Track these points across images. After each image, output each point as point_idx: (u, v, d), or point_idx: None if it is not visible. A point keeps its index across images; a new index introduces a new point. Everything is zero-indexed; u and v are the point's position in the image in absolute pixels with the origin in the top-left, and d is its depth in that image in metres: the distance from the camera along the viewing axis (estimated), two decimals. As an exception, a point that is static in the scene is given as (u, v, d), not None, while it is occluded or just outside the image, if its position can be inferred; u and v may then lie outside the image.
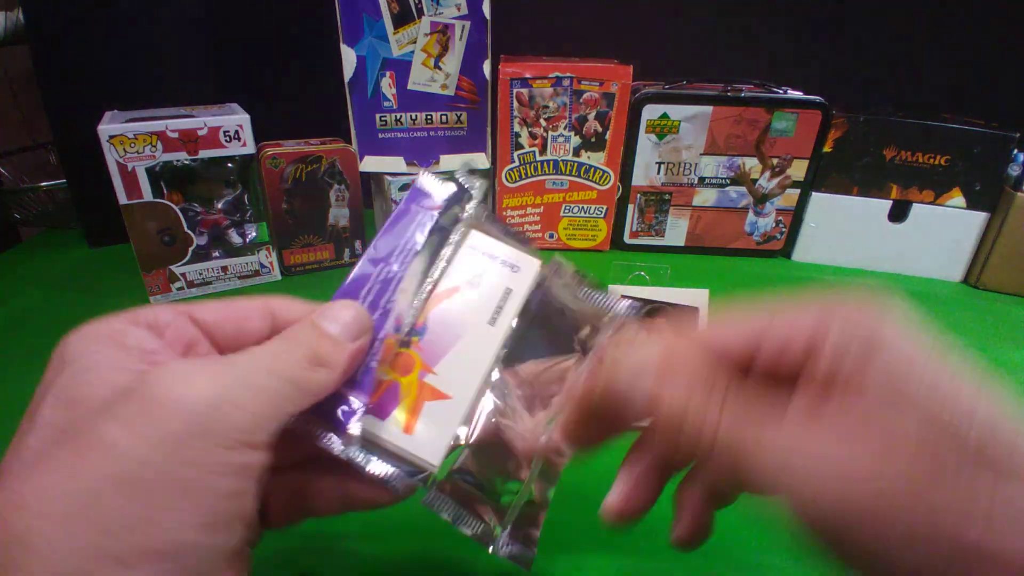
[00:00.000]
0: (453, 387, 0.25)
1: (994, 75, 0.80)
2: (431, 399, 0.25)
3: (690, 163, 0.76)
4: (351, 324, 0.22)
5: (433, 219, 0.28)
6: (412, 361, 0.25)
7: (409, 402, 0.25)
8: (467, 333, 0.26)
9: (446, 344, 0.26)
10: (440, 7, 0.69)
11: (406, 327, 0.26)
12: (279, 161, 0.65)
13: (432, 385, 0.25)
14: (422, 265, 0.27)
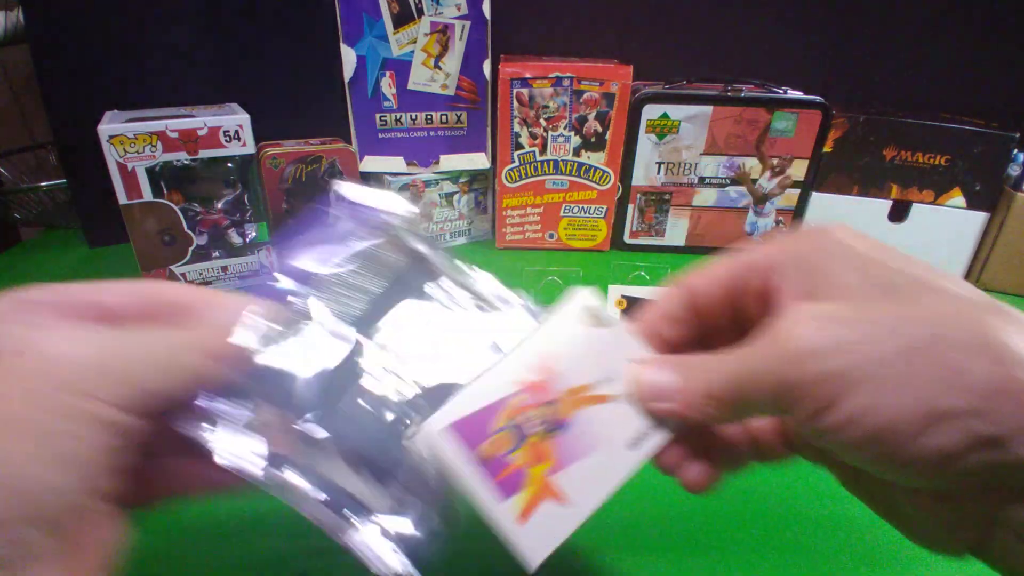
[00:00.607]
0: (575, 495, 0.24)
1: (994, 75, 0.80)
2: (551, 499, 0.24)
3: (690, 163, 0.76)
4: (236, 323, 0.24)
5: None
6: (545, 454, 0.25)
7: (530, 493, 0.24)
8: (605, 448, 0.25)
9: (583, 450, 0.25)
10: (440, 7, 0.69)
11: (551, 422, 0.25)
12: (279, 161, 0.65)
13: (557, 486, 0.24)
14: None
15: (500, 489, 0.24)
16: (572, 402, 0.25)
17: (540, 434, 0.24)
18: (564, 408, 0.25)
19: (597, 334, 0.26)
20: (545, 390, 0.25)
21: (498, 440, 0.24)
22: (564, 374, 0.25)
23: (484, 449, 0.24)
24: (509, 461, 0.24)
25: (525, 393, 0.25)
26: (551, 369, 0.25)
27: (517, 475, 0.24)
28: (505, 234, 0.80)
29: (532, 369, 0.25)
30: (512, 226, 0.79)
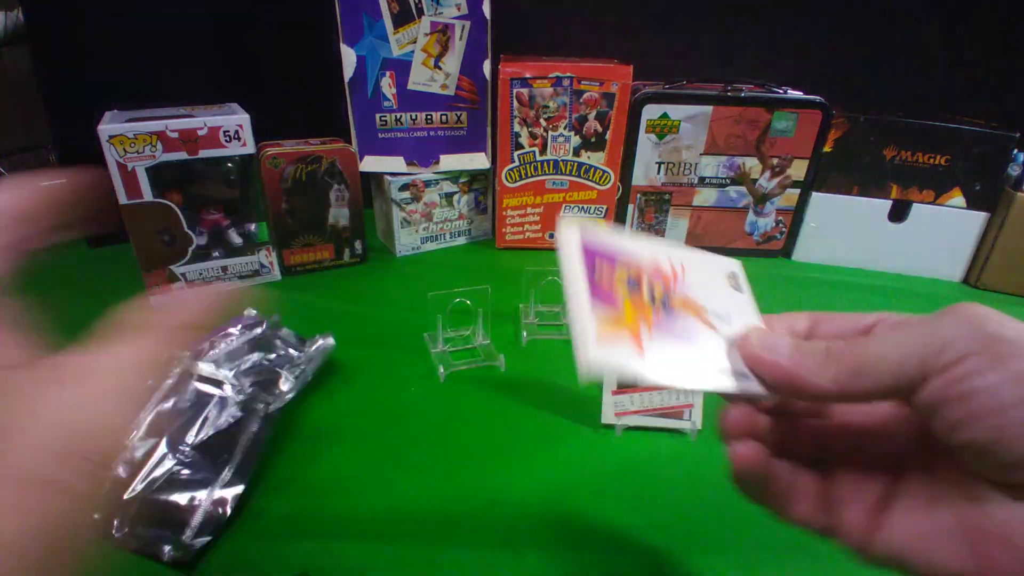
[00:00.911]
0: (653, 358, 0.24)
1: (994, 75, 0.80)
2: (632, 342, 0.24)
3: (690, 163, 0.76)
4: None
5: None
6: (646, 314, 0.25)
7: (618, 323, 0.24)
8: (696, 353, 0.25)
9: (677, 337, 0.26)
10: (440, 7, 0.70)
11: (662, 299, 0.26)
12: (279, 161, 0.65)
13: (642, 338, 0.25)
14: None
15: (598, 296, 0.24)
16: (685, 305, 0.26)
17: (650, 298, 0.26)
18: (677, 303, 0.26)
19: (730, 291, 0.28)
20: (670, 282, 0.26)
21: (616, 277, 0.25)
22: (691, 287, 0.27)
23: (602, 273, 0.25)
24: (617, 295, 0.25)
25: (655, 272, 0.26)
26: (684, 279, 0.27)
27: (617, 303, 0.25)
28: (505, 234, 0.80)
29: (671, 264, 0.27)
30: (512, 226, 0.79)
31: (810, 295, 0.70)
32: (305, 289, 0.68)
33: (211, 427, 0.41)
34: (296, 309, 0.63)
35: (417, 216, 0.77)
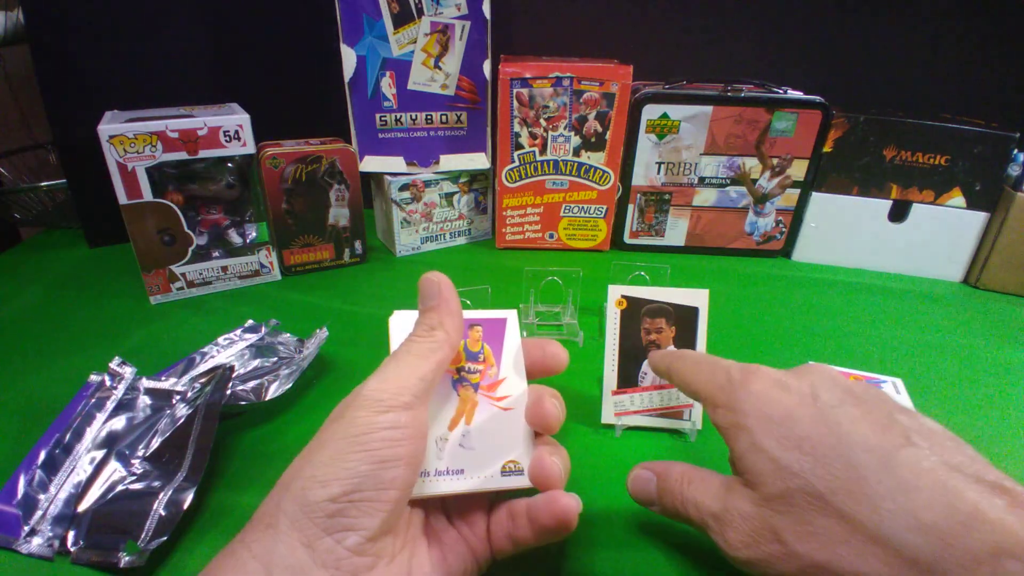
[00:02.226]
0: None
1: (994, 75, 0.80)
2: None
3: (690, 163, 0.76)
4: (434, 294, 0.33)
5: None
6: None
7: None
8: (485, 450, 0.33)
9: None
10: (440, 7, 0.70)
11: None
12: (279, 161, 0.65)
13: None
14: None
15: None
16: (491, 390, 0.34)
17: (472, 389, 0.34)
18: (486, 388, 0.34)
19: (508, 354, 0.35)
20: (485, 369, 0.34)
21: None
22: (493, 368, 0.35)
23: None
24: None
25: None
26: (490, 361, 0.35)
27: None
28: (505, 234, 0.80)
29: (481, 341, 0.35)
30: (512, 226, 0.79)
31: (810, 295, 0.70)
32: (305, 289, 0.68)
33: (160, 436, 0.41)
34: (296, 309, 0.63)
35: (417, 216, 0.77)
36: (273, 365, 0.50)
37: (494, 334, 0.35)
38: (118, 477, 0.39)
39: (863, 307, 0.68)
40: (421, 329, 0.31)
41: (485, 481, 0.31)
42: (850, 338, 0.61)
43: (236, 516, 0.38)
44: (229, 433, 0.44)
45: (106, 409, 0.43)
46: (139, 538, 0.34)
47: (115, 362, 0.45)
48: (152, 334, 0.58)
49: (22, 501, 0.37)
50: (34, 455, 0.39)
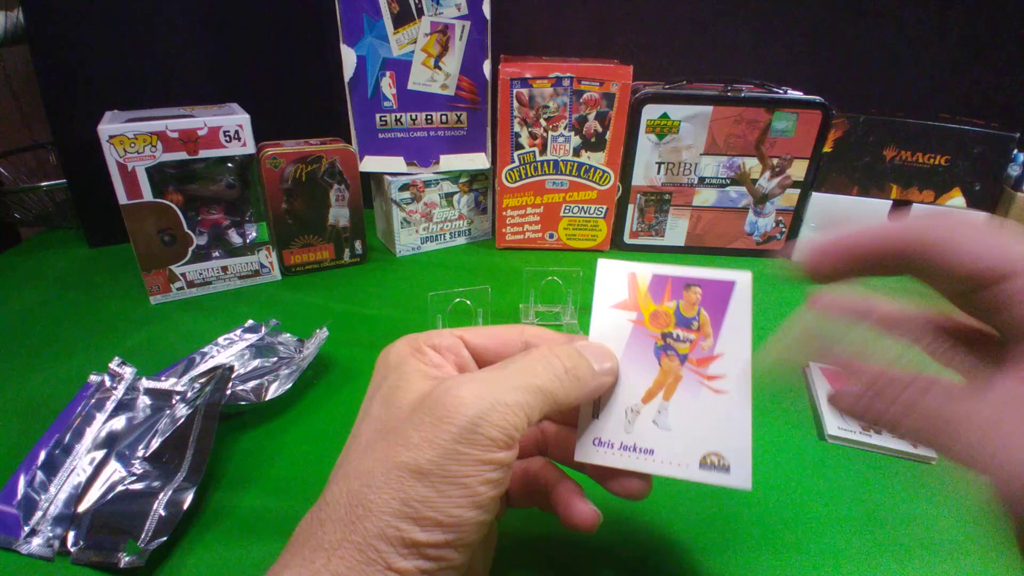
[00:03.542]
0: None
1: (994, 75, 0.80)
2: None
3: (690, 163, 0.76)
4: (606, 360, 0.28)
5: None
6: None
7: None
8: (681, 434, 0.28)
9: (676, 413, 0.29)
10: (440, 7, 0.70)
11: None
12: (279, 161, 0.65)
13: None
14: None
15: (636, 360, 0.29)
16: (700, 364, 0.28)
17: (679, 360, 0.28)
18: (694, 362, 0.28)
19: (732, 323, 0.29)
20: (697, 341, 0.29)
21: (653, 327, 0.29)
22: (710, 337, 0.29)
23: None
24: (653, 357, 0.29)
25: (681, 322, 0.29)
26: (705, 328, 0.29)
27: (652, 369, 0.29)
28: (505, 234, 0.80)
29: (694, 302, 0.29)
30: (512, 226, 0.79)
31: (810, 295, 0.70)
32: (305, 289, 0.68)
33: (160, 436, 0.41)
34: (296, 309, 0.63)
35: (417, 216, 0.77)
36: (273, 365, 0.50)
37: (716, 299, 0.29)
38: (118, 477, 0.39)
39: (863, 307, 0.68)
40: (564, 368, 0.25)
41: (677, 470, 0.27)
42: (850, 338, 0.61)
43: (236, 516, 0.38)
44: (229, 433, 0.44)
45: (106, 409, 0.43)
46: (139, 538, 0.34)
47: (115, 362, 0.45)
48: (152, 334, 0.58)
49: (22, 501, 0.37)
50: (34, 455, 0.39)
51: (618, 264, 0.29)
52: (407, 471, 0.22)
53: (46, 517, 0.36)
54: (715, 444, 0.27)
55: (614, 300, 0.29)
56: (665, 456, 0.27)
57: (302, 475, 0.41)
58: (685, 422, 0.27)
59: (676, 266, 0.29)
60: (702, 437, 0.27)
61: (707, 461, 0.27)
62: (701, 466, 0.26)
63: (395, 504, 0.21)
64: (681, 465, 0.27)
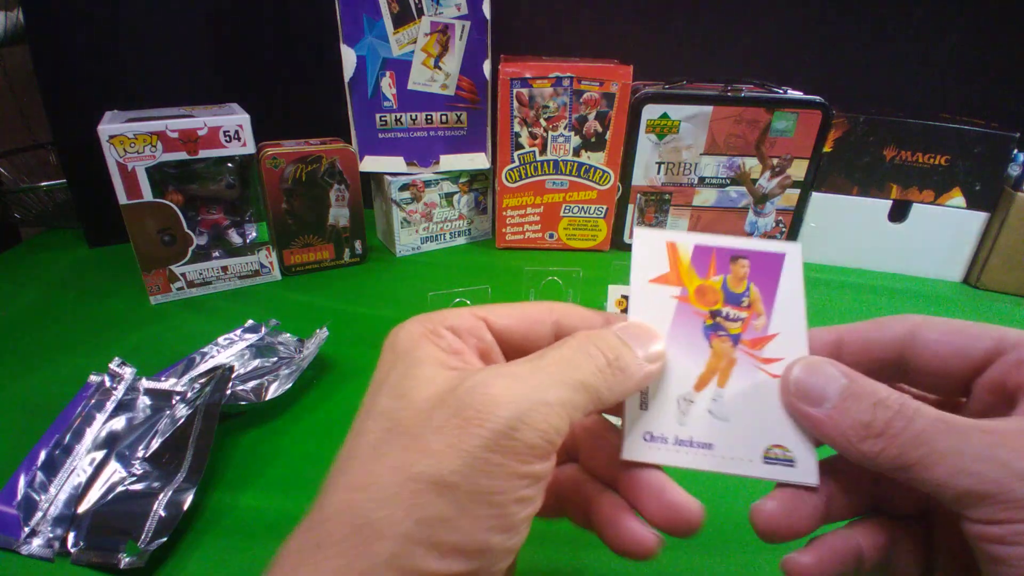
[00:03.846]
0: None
1: (994, 75, 0.80)
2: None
3: (690, 163, 0.75)
4: (653, 343, 0.23)
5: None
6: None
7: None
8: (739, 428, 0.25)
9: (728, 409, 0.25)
10: (440, 7, 0.69)
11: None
12: (279, 161, 0.65)
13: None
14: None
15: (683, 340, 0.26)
16: (755, 345, 0.25)
17: (732, 342, 0.25)
18: (748, 344, 0.25)
19: (785, 296, 0.26)
20: (749, 320, 0.25)
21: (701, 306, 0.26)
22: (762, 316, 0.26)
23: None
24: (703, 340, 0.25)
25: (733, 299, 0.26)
26: (757, 306, 0.26)
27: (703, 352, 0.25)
28: (505, 234, 0.80)
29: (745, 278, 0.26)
30: (512, 226, 0.79)
31: (810, 295, 0.70)
32: (305, 289, 0.68)
33: (160, 436, 0.41)
34: (296, 309, 0.63)
35: (417, 216, 0.77)
36: (273, 365, 0.50)
37: (766, 272, 0.26)
38: (118, 478, 0.39)
39: (863, 307, 0.68)
40: (609, 360, 0.22)
41: (740, 465, 0.23)
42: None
43: (236, 516, 0.38)
44: (229, 433, 0.44)
45: (106, 410, 0.43)
46: (139, 539, 0.34)
47: (115, 362, 0.45)
48: (152, 334, 0.58)
49: (22, 502, 0.37)
50: (34, 456, 0.39)
51: (656, 233, 0.26)
52: (426, 484, 0.18)
53: (46, 518, 0.36)
54: (778, 435, 0.23)
55: (654, 273, 0.25)
56: (726, 450, 0.23)
57: (302, 475, 0.41)
58: (744, 411, 0.24)
59: (718, 235, 0.26)
60: (764, 428, 0.23)
61: (771, 455, 0.23)
62: (765, 460, 0.23)
63: (409, 524, 0.17)
64: (744, 460, 0.23)
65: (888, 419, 0.19)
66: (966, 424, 0.19)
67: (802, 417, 0.22)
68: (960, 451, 0.18)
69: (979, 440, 0.18)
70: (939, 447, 0.18)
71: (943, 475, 0.18)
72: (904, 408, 0.19)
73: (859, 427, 0.20)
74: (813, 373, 0.22)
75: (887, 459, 0.19)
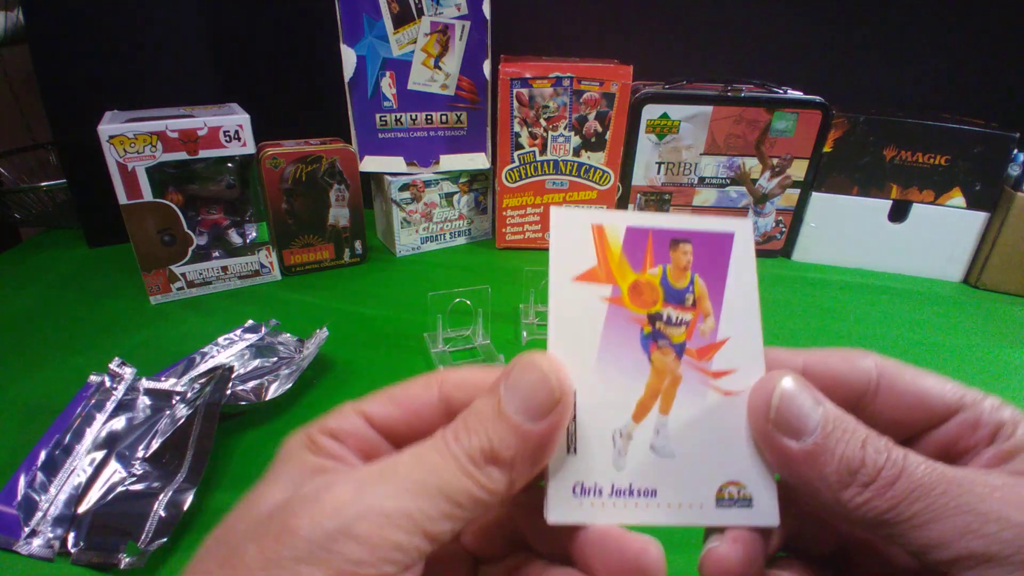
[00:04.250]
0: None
1: (994, 75, 0.80)
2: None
3: (690, 163, 0.75)
4: (536, 392, 0.18)
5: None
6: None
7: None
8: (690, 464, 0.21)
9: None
10: (440, 7, 0.69)
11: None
12: (279, 161, 0.65)
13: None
14: None
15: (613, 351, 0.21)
16: (701, 356, 0.21)
17: (676, 352, 0.21)
18: (694, 353, 0.21)
19: (735, 283, 0.21)
20: (694, 322, 0.21)
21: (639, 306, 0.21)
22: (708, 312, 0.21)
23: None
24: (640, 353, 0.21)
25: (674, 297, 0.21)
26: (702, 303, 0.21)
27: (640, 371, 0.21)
28: (505, 234, 0.79)
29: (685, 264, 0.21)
30: (512, 226, 0.79)
31: (810, 295, 0.70)
32: (305, 289, 0.68)
33: (160, 437, 0.41)
34: (296, 309, 0.63)
35: (417, 216, 0.77)
36: (273, 365, 0.50)
37: (712, 259, 0.21)
38: (118, 478, 0.39)
39: (863, 307, 0.68)
40: (476, 451, 0.17)
41: (690, 514, 0.19)
42: (850, 338, 0.61)
43: (236, 516, 0.38)
44: (229, 433, 0.44)
45: (106, 410, 0.43)
46: (139, 539, 0.34)
47: (115, 363, 0.45)
48: (152, 334, 0.58)
49: (22, 502, 0.37)
50: (34, 456, 0.39)
51: (578, 213, 0.21)
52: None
53: (46, 518, 0.36)
54: (734, 470, 0.20)
55: (578, 269, 0.20)
56: (673, 496, 0.19)
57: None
58: (693, 443, 0.20)
59: (654, 214, 0.21)
60: (717, 462, 0.20)
61: (725, 495, 0.19)
62: (719, 503, 0.19)
63: None
64: (695, 506, 0.19)
65: (880, 464, 0.17)
66: (968, 477, 0.16)
67: (774, 450, 0.18)
68: (971, 508, 0.16)
69: (990, 497, 0.16)
70: (942, 502, 0.16)
71: (946, 534, 0.16)
72: (892, 452, 0.17)
73: (844, 472, 0.17)
74: (795, 396, 0.18)
75: (870, 511, 0.16)
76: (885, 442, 0.17)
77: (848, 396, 0.20)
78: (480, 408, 0.18)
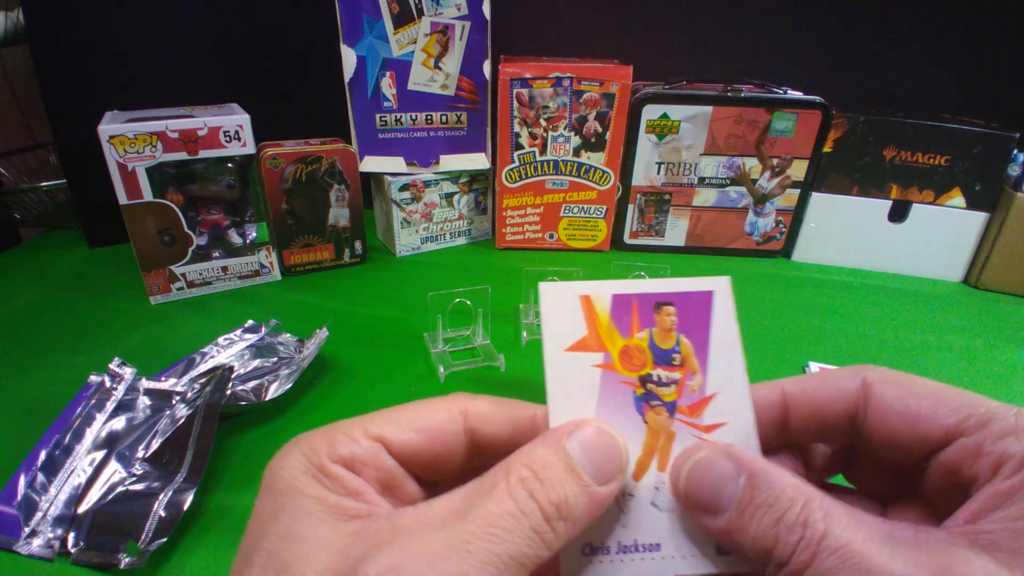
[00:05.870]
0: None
1: (994, 75, 0.80)
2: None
3: (690, 163, 0.76)
4: (613, 468, 0.18)
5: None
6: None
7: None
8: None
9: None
10: (440, 7, 0.69)
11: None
12: (279, 161, 0.65)
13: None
14: None
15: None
16: (692, 412, 0.22)
17: (668, 412, 0.22)
18: (685, 411, 0.22)
19: (720, 346, 0.23)
20: (683, 381, 0.22)
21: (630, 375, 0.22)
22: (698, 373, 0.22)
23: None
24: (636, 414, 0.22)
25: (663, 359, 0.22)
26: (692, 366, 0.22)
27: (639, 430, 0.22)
28: (505, 234, 0.80)
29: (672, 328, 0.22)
30: (512, 226, 0.79)
31: (810, 295, 0.70)
32: (305, 289, 0.68)
33: (160, 436, 0.41)
34: (296, 309, 0.63)
35: (417, 216, 0.77)
36: (273, 365, 0.50)
37: (695, 317, 0.22)
38: (118, 478, 0.39)
39: (863, 307, 0.68)
40: (551, 506, 0.17)
41: (693, 564, 0.20)
42: (850, 338, 0.61)
43: (236, 516, 0.38)
44: (229, 433, 0.45)
45: (106, 410, 0.43)
46: (139, 539, 0.34)
47: (115, 363, 0.45)
48: (152, 334, 0.58)
49: (22, 502, 0.37)
50: (34, 456, 0.39)
51: (565, 287, 0.22)
52: None
53: (46, 518, 0.36)
54: None
55: (570, 339, 0.22)
56: (675, 548, 0.20)
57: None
58: None
59: (635, 281, 0.23)
60: None
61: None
62: (719, 551, 0.20)
63: None
64: (696, 557, 0.20)
65: (791, 545, 0.16)
66: (885, 566, 0.15)
67: (698, 526, 0.19)
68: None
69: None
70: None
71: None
72: (808, 531, 0.16)
73: (759, 551, 0.16)
74: (704, 473, 0.18)
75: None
76: (806, 516, 0.16)
77: (835, 422, 0.20)
78: (548, 460, 0.17)
